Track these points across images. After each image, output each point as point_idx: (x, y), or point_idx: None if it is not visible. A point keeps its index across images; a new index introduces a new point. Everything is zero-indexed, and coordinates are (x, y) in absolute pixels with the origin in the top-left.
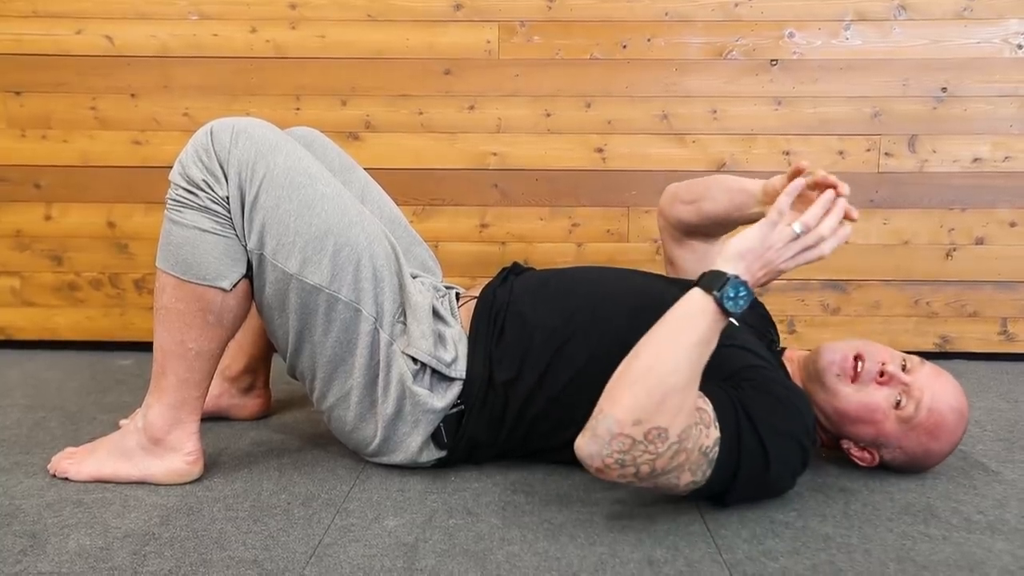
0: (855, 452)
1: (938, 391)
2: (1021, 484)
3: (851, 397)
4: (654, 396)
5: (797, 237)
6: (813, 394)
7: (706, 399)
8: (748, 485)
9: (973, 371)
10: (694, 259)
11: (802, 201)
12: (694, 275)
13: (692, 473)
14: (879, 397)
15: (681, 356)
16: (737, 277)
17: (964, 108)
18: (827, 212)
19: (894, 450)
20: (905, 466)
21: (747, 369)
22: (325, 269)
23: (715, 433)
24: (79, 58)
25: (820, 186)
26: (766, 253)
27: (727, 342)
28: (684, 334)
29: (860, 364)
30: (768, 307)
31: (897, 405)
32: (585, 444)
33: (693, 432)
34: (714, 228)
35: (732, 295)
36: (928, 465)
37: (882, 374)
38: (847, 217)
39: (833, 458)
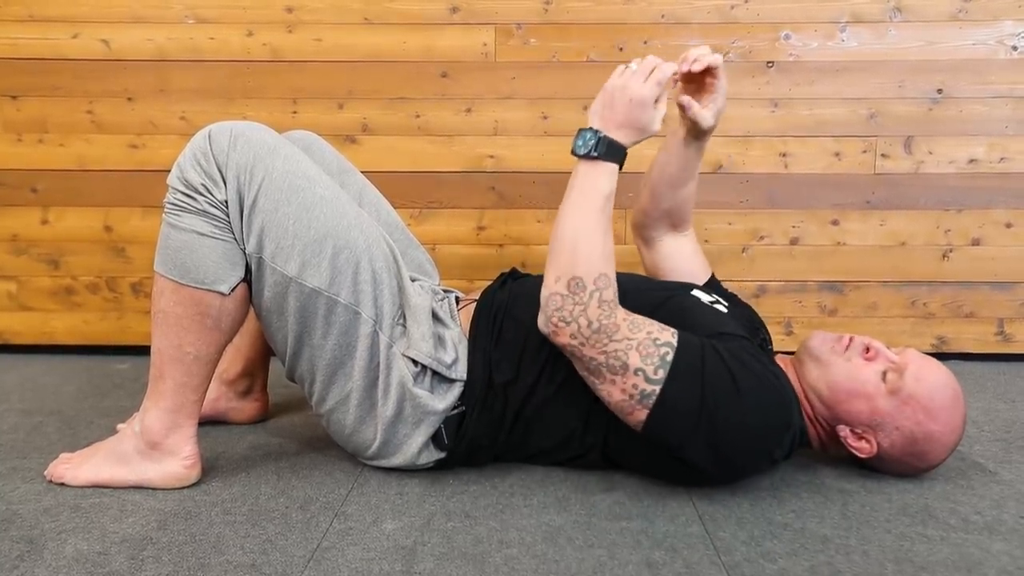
0: (852, 442)
1: (924, 366)
2: (1018, 485)
3: (841, 368)
4: (563, 253)
5: (634, 72)
6: (806, 375)
7: (672, 328)
8: (723, 417)
9: (970, 372)
10: (669, 261)
11: (699, 86)
12: (680, 276)
13: (642, 358)
14: (868, 371)
15: (568, 211)
16: (588, 128)
17: (960, 109)
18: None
19: (891, 432)
20: (905, 456)
21: (728, 335)
22: (324, 272)
23: (669, 335)
24: (75, 62)
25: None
26: (614, 96)
27: (717, 329)
28: (568, 196)
29: (849, 341)
30: (765, 308)
31: (884, 378)
32: (538, 319)
33: (613, 290)
34: (666, 191)
35: (580, 143)
36: (929, 456)
37: (868, 349)
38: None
39: (831, 459)
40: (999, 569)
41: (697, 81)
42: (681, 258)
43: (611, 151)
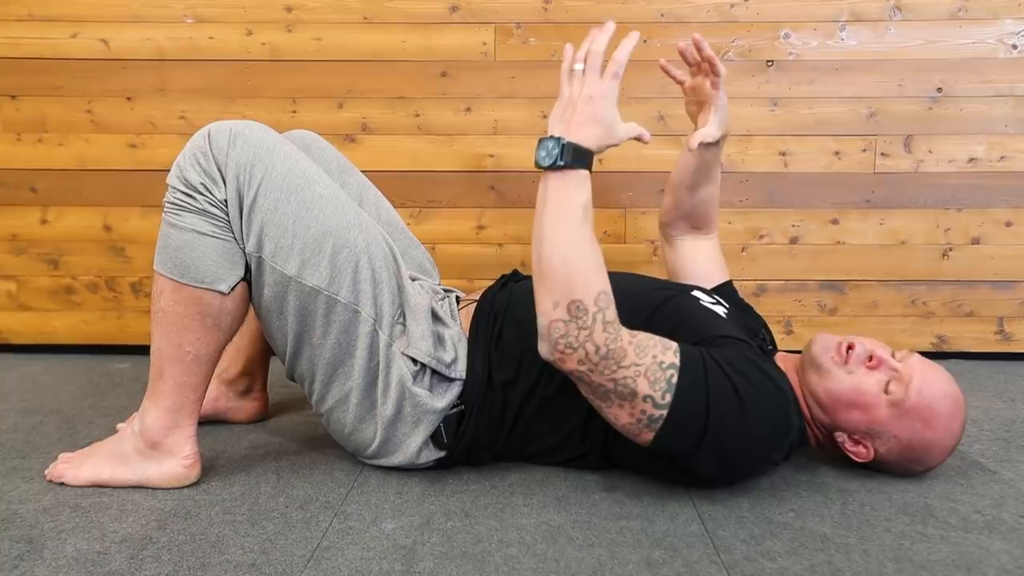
0: (849, 447)
1: (928, 376)
2: (1018, 484)
3: (843, 379)
4: (555, 277)
5: (583, 71)
6: (807, 381)
7: (673, 343)
8: (728, 428)
9: (970, 371)
10: (688, 260)
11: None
12: (695, 277)
13: (650, 384)
14: (870, 381)
15: (548, 230)
16: (548, 137)
17: (959, 108)
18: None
19: (888, 440)
20: (903, 461)
21: (725, 339)
22: (324, 271)
23: (672, 355)
24: (75, 61)
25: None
26: (569, 101)
27: (714, 332)
28: (543, 213)
29: (850, 350)
30: (766, 307)
31: (886, 389)
32: (540, 347)
33: (614, 309)
34: (684, 193)
35: (543, 154)
36: (927, 460)
37: (871, 358)
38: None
39: (830, 458)
40: (999, 568)
41: (699, 93)
42: (698, 259)
43: (578, 157)
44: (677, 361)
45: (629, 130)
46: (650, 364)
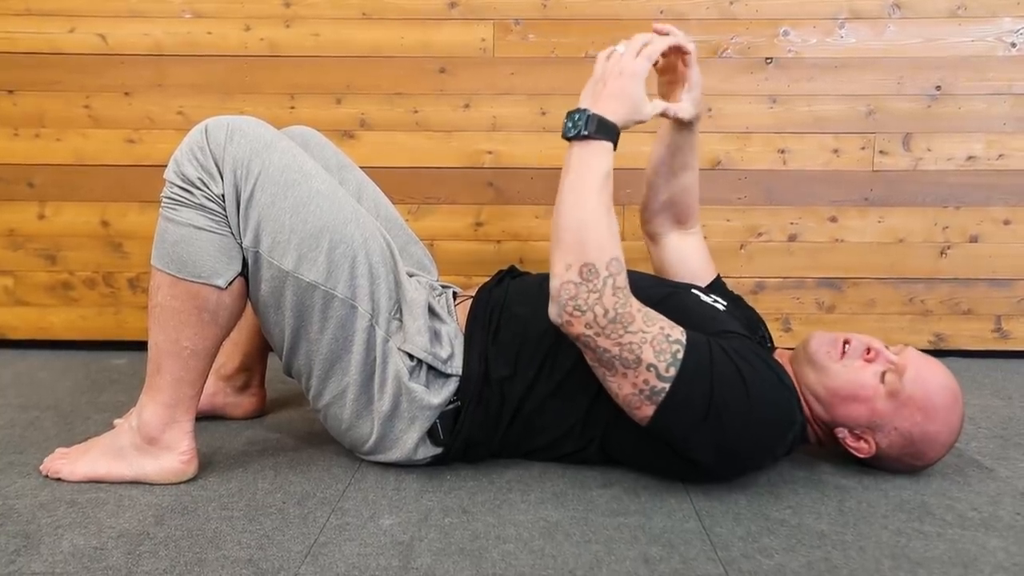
0: (851, 442)
1: (923, 367)
2: (1015, 481)
3: (840, 373)
4: (570, 240)
5: (622, 53)
6: (804, 377)
7: (680, 326)
8: (732, 413)
9: (967, 369)
10: (676, 256)
11: (673, 78)
12: (685, 276)
13: (655, 353)
14: (867, 373)
15: (567, 196)
16: (576, 109)
17: (958, 106)
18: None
19: (889, 432)
20: (903, 456)
21: (728, 333)
22: (321, 266)
23: (679, 333)
24: (72, 56)
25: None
26: (602, 77)
27: (717, 327)
28: (564, 180)
29: (847, 345)
30: (764, 305)
31: (883, 379)
32: (550, 310)
33: (624, 276)
34: (660, 181)
35: (569, 124)
36: (927, 455)
37: (868, 350)
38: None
39: (828, 455)
40: (995, 565)
41: (672, 72)
42: (686, 256)
43: (602, 128)
44: (684, 340)
45: (655, 107)
46: (657, 334)
